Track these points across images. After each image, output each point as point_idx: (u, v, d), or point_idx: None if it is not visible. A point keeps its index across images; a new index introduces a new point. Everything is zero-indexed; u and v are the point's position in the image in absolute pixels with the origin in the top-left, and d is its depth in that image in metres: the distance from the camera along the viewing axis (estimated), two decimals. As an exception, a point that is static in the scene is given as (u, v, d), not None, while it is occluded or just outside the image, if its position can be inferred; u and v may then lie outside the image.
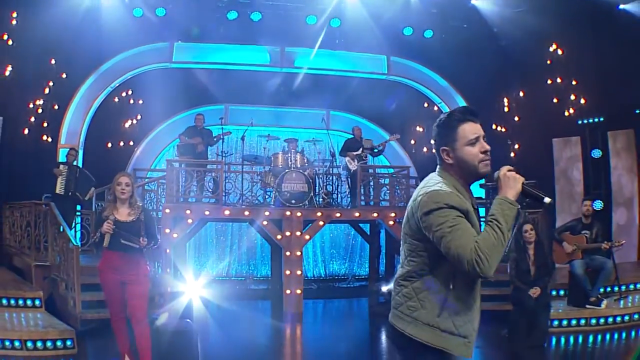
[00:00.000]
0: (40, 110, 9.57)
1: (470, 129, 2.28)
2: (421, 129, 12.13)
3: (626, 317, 6.59)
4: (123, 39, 10.16)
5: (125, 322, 4.76)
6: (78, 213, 9.10)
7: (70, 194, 8.37)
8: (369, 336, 7.35)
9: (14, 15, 8.69)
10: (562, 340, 6.18)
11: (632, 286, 7.36)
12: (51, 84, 9.79)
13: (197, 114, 9.75)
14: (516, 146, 11.40)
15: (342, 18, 10.70)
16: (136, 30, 10.15)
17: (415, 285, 2.26)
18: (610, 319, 6.56)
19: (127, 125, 10.80)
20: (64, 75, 9.86)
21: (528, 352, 5.54)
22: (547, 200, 2.24)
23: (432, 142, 2.46)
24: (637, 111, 9.81)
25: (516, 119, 11.46)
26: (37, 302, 6.03)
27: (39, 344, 5.13)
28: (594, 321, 6.53)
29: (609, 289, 7.12)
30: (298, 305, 8.06)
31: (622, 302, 6.84)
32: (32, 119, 9.54)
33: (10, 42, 8.69)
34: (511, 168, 2.23)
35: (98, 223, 4.63)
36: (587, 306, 6.61)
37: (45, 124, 9.74)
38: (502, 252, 2.08)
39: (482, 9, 10.56)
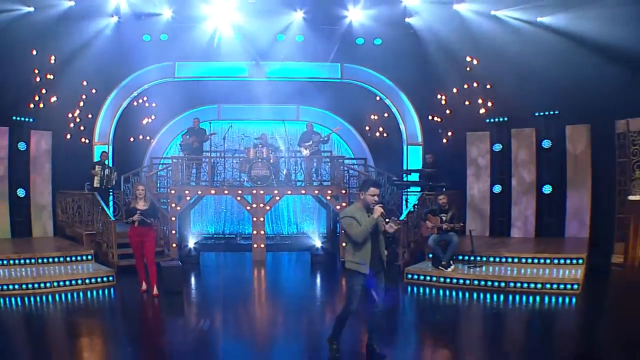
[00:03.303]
0: (78, 120, 13.04)
1: (374, 190, 5.28)
2: (375, 117, 15.15)
3: (467, 281, 9.01)
4: (137, 60, 13.50)
5: (143, 263, 8.46)
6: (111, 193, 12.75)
7: (103, 187, 11.90)
8: (304, 276, 10.92)
9: (52, 58, 12.03)
10: (420, 289, 9.04)
11: (491, 259, 9.67)
12: (84, 97, 13.17)
13: (194, 118, 13.21)
14: (449, 133, 14.02)
15: (305, 35, 13.72)
16: (146, 52, 13.40)
17: (346, 247, 5.47)
18: (455, 280, 9.06)
19: (144, 123, 14.28)
20: (93, 91, 13.24)
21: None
22: (387, 227, 5.28)
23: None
24: (536, 114, 12.24)
25: (448, 112, 13.96)
26: (89, 257, 9.69)
27: (92, 280, 8.86)
28: (442, 279, 9.15)
29: (471, 258, 9.60)
30: (262, 255, 11.66)
31: (471, 270, 9.22)
32: (72, 125, 13.01)
33: (52, 77, 12.08)
34: (382, 205, 5.27)
35: (128, 212, 8.32)
36: (439, 268, 9.33)
37: (82, 128, 13.24)
38: (364, 234, 5.18)
39: (415, 24, 13.35)
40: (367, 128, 15.15)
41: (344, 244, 5.73)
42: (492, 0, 12.11)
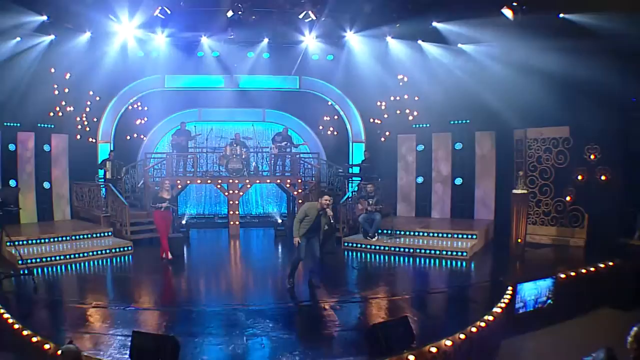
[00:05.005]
0: (85, 122, 16.04)
1: (326, 197, 9.00)
2: (327, 118, 18.55)
3: (386, 247, 12.50)
4: (132, 73, 16.42)
5: (167, 238, 11.72)
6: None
7: (114, 177, 14.96)
8: (270, 245, 14.52)
9: (68, 74, 14.95)
10: (353, 253, 12.61)
11: (409, 232, 13.18)
12: (89, 103, 16.14)
13: (181, 122, 16.36)
14: (387, 133, 17.30)
15: (270, 53, 16.90)
16: (140, 66, 16.32)
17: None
18: (379, 247, 12.56)
19: (138, 124, 17.33)
20: (97, 98, 16.18)
21: (325, 256, 11.79)
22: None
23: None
24: (452, 122, 15.28)
25: (385, 116, 17.20)
26: (109, 233, 12.93)
27: (116, 250, 12.14)
28: (369, 246, 12.66)
29: (391, 232, 13.13)
30: (237, 230, 15.10)
31: (390, 240, 12.72)
32: (79, 127, 15.99)
33: (67, 91, 15.06)
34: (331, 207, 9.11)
35: (155, 199, 11.57)
36: (367, 238, 12.81)
37: (87, 129, 16.22)
38: (297, 222, 9.00)
39: (356, 50, 16.57)
40: (320, 127, 18.53)
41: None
42: (418, 33, 15.00)
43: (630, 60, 11.00)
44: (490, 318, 7.78)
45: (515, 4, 11.57)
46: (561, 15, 11.70)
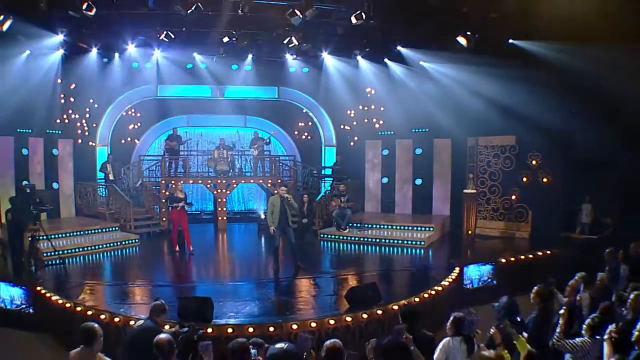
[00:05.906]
0: (85, 127, 17.73)
1: (283, 187, 11.38)
2: (302, 124, 20.62)
3: (356, 238, 14.62)
4: (128, 83, 18.14)
5: (177, 233, 13.55)
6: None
7: (115, 179, 16.75)
8: (254, 237, 16.66)
9: (73, 85, 16.65)
10: (328, 243, 14.92)
11: (375, 225, 15.33)
12: (88, 109, 17.83)
13: (173, 128, 18.20)
14: (355, 138, 19.48)
15: (252, 66, 18.88)
16: (134, 77, 18.06)
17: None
18: (349, 237, 14.67)
19: (131, 128, 19.07)
20: (96, 106, 17.89)
21: (304, 245, 14.03)
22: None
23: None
24: (413, 130, 17.27)
25: (354, 123, 19.37)
26: (116, 228, 14.74)
27: (125, 242, 13.98)
28: (341, 237, 14.74)
29: (361, 225, 15.42)
30: (224, 224, 17.08)
31: (360, 231, 14.91)
32: (79, 132, 17.67)
33: (72, 100, 16.76)
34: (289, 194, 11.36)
35: (172, 199, 13.41)
36: (340, 230, 14.99)
37: (87, 133, 17.90)
38: (270, 214, 11.25)
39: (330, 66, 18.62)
40: (296, 132, 20.59)
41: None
42: (385, 54, 16.81)
43: (566, 83, 13.12)
44: (439, 289, 10.11)
45: (468, 33, 13.73)
46: (510, 40, 13.77)
